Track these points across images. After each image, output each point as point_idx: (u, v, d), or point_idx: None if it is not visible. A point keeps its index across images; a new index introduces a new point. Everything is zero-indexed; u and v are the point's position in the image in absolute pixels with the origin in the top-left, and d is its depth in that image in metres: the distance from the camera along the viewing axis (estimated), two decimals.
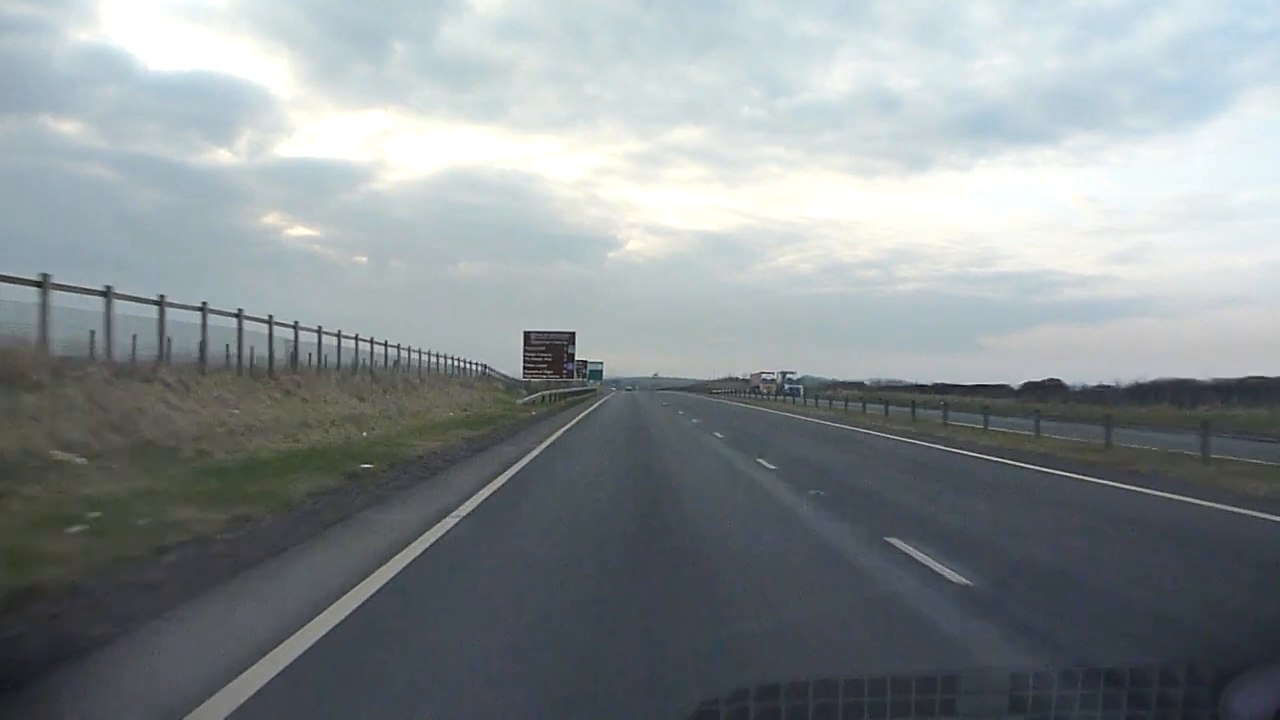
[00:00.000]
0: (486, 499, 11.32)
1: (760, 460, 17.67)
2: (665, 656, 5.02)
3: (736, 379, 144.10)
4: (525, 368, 57.35)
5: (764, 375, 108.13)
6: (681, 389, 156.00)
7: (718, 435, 26.64)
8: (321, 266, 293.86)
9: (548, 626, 5.60)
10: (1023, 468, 17.94)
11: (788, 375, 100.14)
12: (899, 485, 14.60)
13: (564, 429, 28.28)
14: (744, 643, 5.35)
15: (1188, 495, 13.27)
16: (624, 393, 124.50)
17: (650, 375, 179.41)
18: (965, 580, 6.95)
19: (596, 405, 56.67)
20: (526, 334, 57.82)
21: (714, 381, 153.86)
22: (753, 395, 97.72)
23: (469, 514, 9.96)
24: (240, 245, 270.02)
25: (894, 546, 8.28)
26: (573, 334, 58.46)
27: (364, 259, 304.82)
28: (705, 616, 5.88)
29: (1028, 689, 3.39)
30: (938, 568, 7.36)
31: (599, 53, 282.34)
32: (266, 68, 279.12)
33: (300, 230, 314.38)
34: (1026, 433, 25.37)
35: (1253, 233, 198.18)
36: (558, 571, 7.28)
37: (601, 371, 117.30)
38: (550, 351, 57.33)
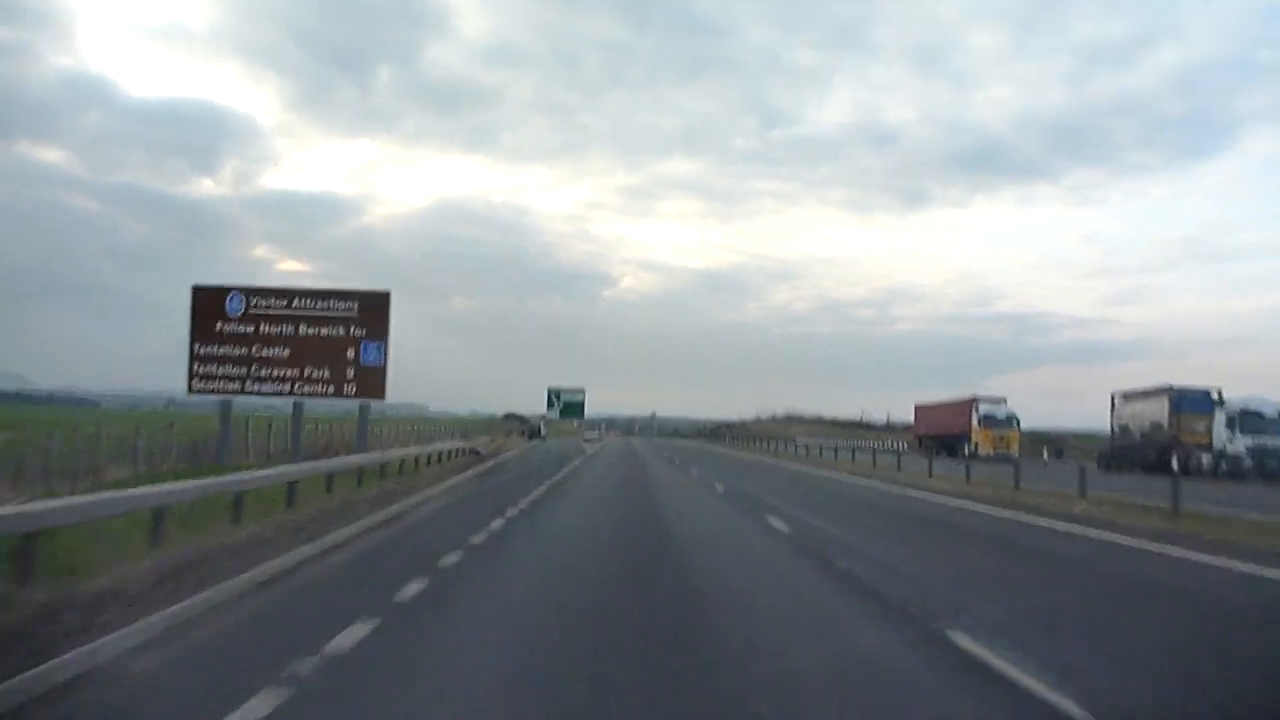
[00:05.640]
0: None
1: None
2: None
3: (802, 420, 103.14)
4: None
5: (982, 406, 54.01)
6: (688, 436, 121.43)
7: None
8: None
9: None
10: None
11: (1251, 415, 35.87)
12: None
13: None
14: None
15: None
16: (611, 442, 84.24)
17: (648, 414, 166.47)
18: None
19: None
20: None
21: (762, 422, 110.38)
22: (939, 454, 46.03)
23: None
24: (231, 279, 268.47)
25: None
26: None
27: None
28: None
29: None
30: None
31: (590, 79, 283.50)
32: (249, 93, 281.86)
33: (291, 264, 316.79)
34: None
35: (1253, 274, 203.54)
36: None
37: (583, 404, 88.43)
38: None
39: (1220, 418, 36.02)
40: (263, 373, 26.45)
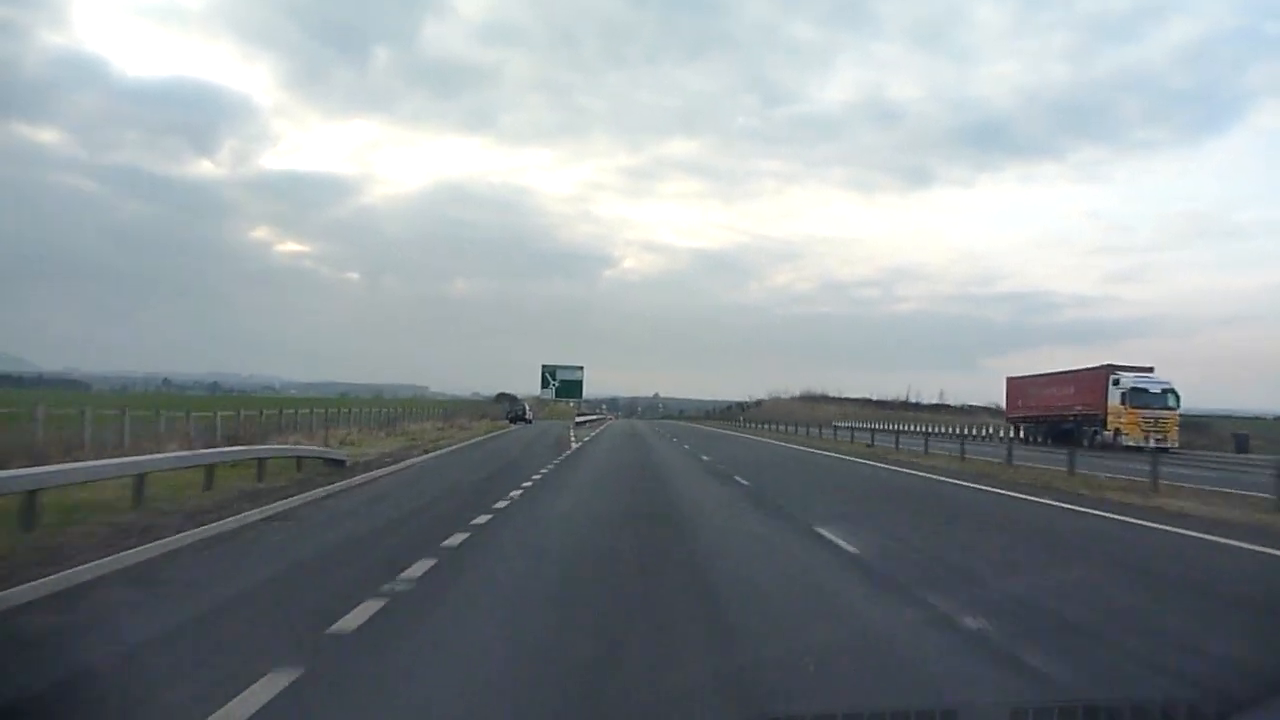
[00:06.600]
0: None
1: None
2: None
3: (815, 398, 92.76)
4: None
5: (1125, 377, 39.76)
6: (694, 418, 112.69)
7: None
8: (312, 283, 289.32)
9: None
10: None
11: None
12: None
13: None
14: None
15: None
16: (613, 425, 74.00)
17: (650, 395, 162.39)
18: None
19: None
20: None
21: (779, 402, 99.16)
22: (1047, 441, 40.45)
23: None
24: (231, 260, 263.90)
25: None
26: None
27: (355, 275, 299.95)
28: None
29: None
30: None
31: (589, 58, 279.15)
32: (246, 73, 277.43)
33: (290, 246, 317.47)
34: None
35: (1260, 251, 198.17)
36: None
37: (580, 383, 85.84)
38: None
39: None
40: None
